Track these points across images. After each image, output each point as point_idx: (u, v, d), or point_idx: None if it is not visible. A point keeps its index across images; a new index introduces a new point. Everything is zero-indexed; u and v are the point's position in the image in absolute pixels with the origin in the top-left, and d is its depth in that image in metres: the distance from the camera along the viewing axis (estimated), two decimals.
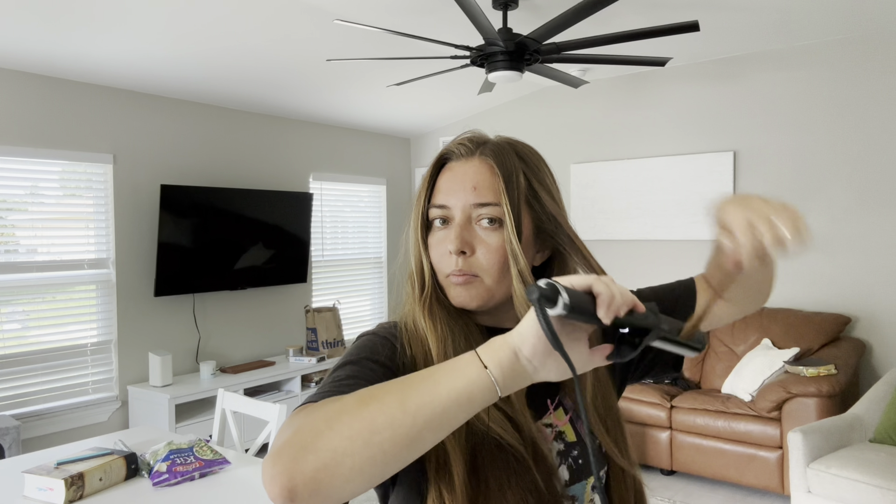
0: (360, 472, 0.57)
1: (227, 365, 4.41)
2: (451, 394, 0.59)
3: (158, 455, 1.89)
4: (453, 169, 0.81)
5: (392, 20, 3.29)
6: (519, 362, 0.60)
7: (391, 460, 0.58)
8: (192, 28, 3.19)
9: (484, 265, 0.78)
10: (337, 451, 0.57)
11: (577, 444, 0.82)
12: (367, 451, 0.57)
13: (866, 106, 3.76)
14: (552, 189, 0.83)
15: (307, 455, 0.57)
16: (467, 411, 0.60)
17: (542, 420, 0.82)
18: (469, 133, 0.84)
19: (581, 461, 0.81)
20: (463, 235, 0.78)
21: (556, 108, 5.00)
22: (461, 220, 0.79)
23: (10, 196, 3.44)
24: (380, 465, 0.58)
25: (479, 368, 0.60)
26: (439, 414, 0.59)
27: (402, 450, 0.58)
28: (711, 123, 4.31)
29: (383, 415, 0.58)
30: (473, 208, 0.78)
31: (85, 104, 3.72)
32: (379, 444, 0.57)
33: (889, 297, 3.71)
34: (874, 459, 2.71)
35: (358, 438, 0.57)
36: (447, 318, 0.80)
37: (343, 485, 0.57)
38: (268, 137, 4.72)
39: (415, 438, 0.58)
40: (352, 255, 5.39)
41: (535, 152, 0.84)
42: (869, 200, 3.76)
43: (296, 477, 0.56)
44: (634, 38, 2.71)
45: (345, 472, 0.57)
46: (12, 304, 3.45)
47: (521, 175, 0.79)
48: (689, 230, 4.36)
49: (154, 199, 3.98)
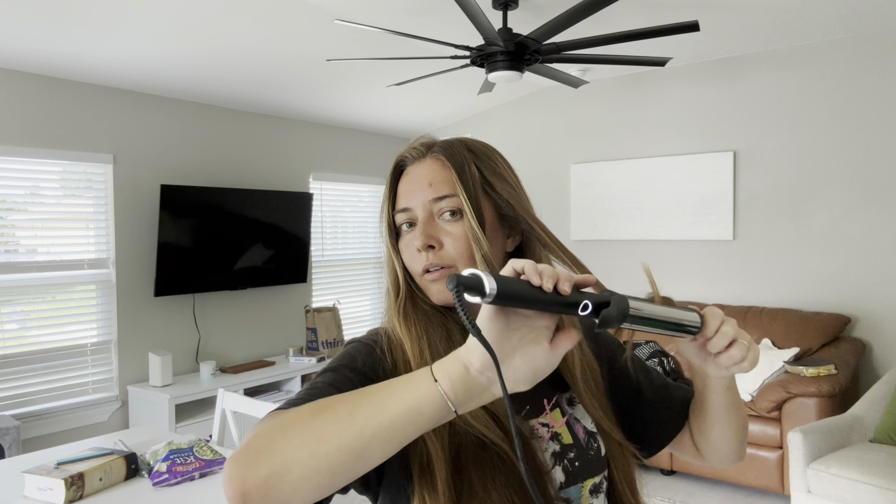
0: (307, 481, 0.57)
1: (227, 365, 4.41)
2: (399, 407, 0.58)
3: (158, 455, 1.89)
4: (409, 173, 0.85)
5: (392, 20, 3.29)
6: (470, 375, 0.58)
7: (339, 470, 0.58)
8: (192, 28, 3.19)
9: (454, 255, 0.79)
10: (287, 459, 0.58)
11: (573, 446, 0.82)
12: (314, 461, 0.58)
13: (866, 106, 3.76)
14: (507, 176, 0.84)
15: (260, 460, 0.58)
16: (417, 425, 0.58)
17: (538, 419, 0.82)
18: (420, 138, 0.87)
19: (578, 464, 0.81)
20: (427, 231, 0.80)
21: (556, 108, 4.99)
22: (424, 218, 0.81)
23: (10, 196, 3.44)
24: (326, 475, 0.58)
25: (429, 383, 0.58)
26: (386, 427, 0.58)
27: (349, 460, 0.58)
28: (711, 123, 4.31)
29: (332, 425, 0.58)
30: (433, 203, 0.80)
31: (85, 104, 3.72)
32: (325, 453, 0.58)
33: (889, 297, 3.71)
34: (874, 459, 2.71)
35: (306, 447, 0.58)
36: (424, 319, 0.82)
37: (292, 492, 0.57)
38: (268, 137, 4.72)
39: (361, 450, 0.58)
40: (352, 255, 5.39)
41: (485, 145, 0.87)
42: (869, 200, 3.76)
43: (248, 481, 0.57)
44: (634, 38, 2.71)
45: (293, 480, 0.57)
46: (12, 304, 3.45)
47: (472, 166, 0.81)
48: (689, 230, 4.36)
49: (154, 199, 3.98)
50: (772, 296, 4.10)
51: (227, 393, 2.47)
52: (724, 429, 0.89)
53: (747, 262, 4.18)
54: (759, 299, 4.15)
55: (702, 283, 4.36)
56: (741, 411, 0.89)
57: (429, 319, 0.82)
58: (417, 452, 0.73)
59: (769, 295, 4.11)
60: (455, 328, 0.82)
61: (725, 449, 0.91)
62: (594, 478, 0.82)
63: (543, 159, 5.06)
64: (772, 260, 4.09)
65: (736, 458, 0.94)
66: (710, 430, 0.90)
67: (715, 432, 0.90)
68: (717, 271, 4.30)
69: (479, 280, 0.54)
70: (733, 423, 0.88)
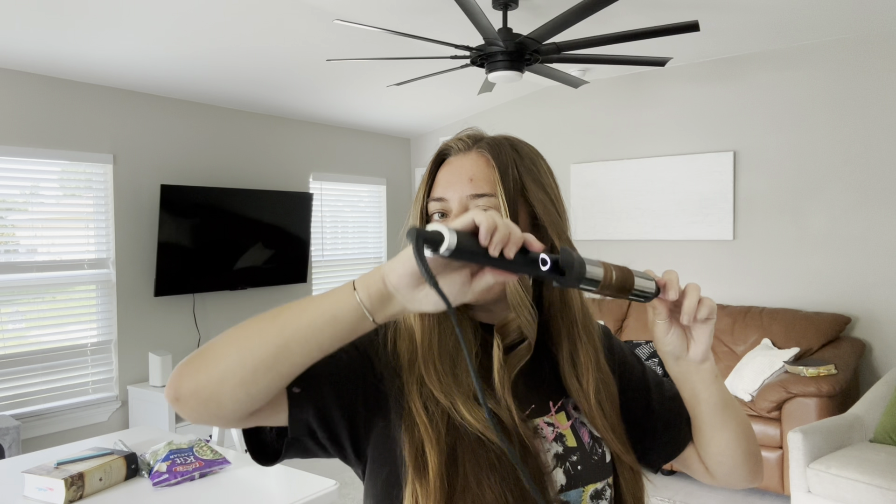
0: (231, 375, 0.63)
1: None
2: (318, 310, 0.64)
3: (158, 455, 1.89)
4: (451, 163, 0.83)
5: (392, 20, 3.29)
6: (387, 289, 0.63)
7: (260, 365, 0.63)
8: (192, 28, 3.19)
9: None
10: (216, 356, 0.64)
11: (577, 449, 0.81)
12: (238, 356, 0.64)
13: (866, 106, 3.76)
14: (547, 186, 0.83)
15: (195, 361, 0.65)
16: (333, 328, 0.63)
17: (544, 418, 0.82)
18: (468, 130, 0.85)
19: (580, 468, 0.80)
20: None
21: (556, 108, 4.99)
22: (458, 211, 0.80)
23: (10, 196, 3.44)
24: (249, 370, 0.63)
25: (349, 291, 0.64)
26: (305, 326, 0.63)
27: (269, 356, 0.63)
28: (711, 123, 4.31)
29: (258, 326, 0.65)
30: (470, 199, 0.79)
31: (85, 104, 3.72)
32: (249, 349, 0.63)
33: (889, 297, 3.71)
34: (874, 459, 2.71)
35: (233, 345, 0.64)
36: (439, 313, 0.80)
37: (218, 386, 0.63)
38: (268, 137, 4.72)
39: (282, 347, 0.63)
40: (352, 255, 5.39)
41: (532, 149, 0.85)
42: (869, 200, 3.76)
43: (182, 381, 0.65)
44: (634, 38, 2.71)
45: (219, 374, 0.64)
46: (12, 304, 3.45)
47: (516, 168, 0.80)
48: (689, 230, 4.36)
49: (154, 199, 3.98)
50: (772, 296, 4.10)
51: None
52: (725, 435, 0.85)
53: (747, 262, 4.18)
54: (759, 299, 4.15)
55: (702, 283, 4.36)
56: (739, 414, 0.86)
57: (443, 314, 0.81)
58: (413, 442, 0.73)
59: (769, 295, 4.11)
60: (468, 324, 0.82)
61: (731, 461, 0.87)
62: (596, 483, 0.81)
63: None
64: (772, 260, 4.09)
65: (748, 472, 0.88)
66: (711, 441, 0.86)
67: (717, 441, 0.86)
68: (717, 271, 4.30)
69: (440, 239, 0.57)
70: (732, 427, 0.85)
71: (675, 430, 0.91)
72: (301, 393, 0.73)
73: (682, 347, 0.79)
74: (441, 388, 0.75)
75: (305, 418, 0.73)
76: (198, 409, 0.66)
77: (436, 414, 0.75)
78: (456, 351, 0.79)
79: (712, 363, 0.82)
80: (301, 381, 0.72)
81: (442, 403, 0.75)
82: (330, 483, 1.86)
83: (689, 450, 0.91)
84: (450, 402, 0.75)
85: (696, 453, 0.91)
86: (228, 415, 0.66)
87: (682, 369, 0.82)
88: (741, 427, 0.86)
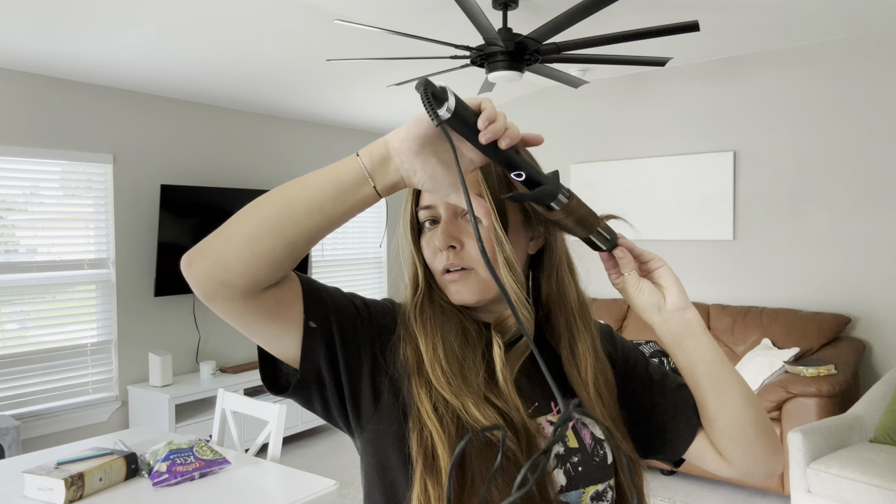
0: (237, 234, 0.66)
1: (227, 365, 4.41)
2: (323, 173, 0.67)
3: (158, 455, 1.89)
4: None
5: (392, 20, 3.29)
6: (388, 154, 0.66)
7: (265, 223, 0.66)
8: (192, 28, 3.19)
9: (474, 256, 0.79)
10: (228, 223, 0.68)
11: (578, 450, 0.80)
12: (245, 217, 0.67)
13: (866, 106, 3.76)
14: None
15: (212, 234, 0.68)
16: (335, 188, 0.66)
17: (547, 416, 0.82)
18: None
19: (581, 469, 0.80)
20: (449, 230, 0.80)
21: (556, 108, 4.99)
22: (447, 217, 0.80)
23: (10, 196, 3.44)
24: (255, 227, 0.66)
25: (352, 157, 0.67)
26: (308, 187, 0.66)
27: (274, 215, 0.66)
28: (711, 123, 4.31)
29: (268, 197, 0.68)
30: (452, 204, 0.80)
31: (85, 104, 3.72)
32: (256, 209, 0.67)
33: (889, 297, 3.71)
34: (874, 459, 2.71)
35: (244, 211, 0.68)
36: (441, 317, 0.81)
37: (224, 247, 0.66)
38: (268, 137, 4.72)
39: (284, 206, 0.66)
40: (352, 255, 5.39)
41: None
42: (869, 200, 3.76)
43: (196, 247, 0.68)
44: (634, 38, 2.71)
45: (226, 235, 0.67)
46: (12, 304, 3.45)
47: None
48: (689, 230, 4.36)
49: (154, 199, 3.98)
50: (772, 296, 4.10)
51: (227, 393, 2.47)
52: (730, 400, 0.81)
53: (747, 262, 4.18)
54: (759, 299, 4.15)
55: (702, 283, 4.36)
56: (738, 377, 0.83)
57: (446, 317, 0.82)
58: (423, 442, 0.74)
59: (769, 295, 4.11)
60: (471, 327, 0.82)
61: (743, 436, 0.82)
62: (597, 485, 0.80)
63: (543, 159, 5.05)
64: (772, 260, 4.09)
65: (765, 450, 0.83)
66: (719, 412, 0.82)
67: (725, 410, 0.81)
68: (717, 271, 4.30)
69: (444, 95, 0.61)
70: (735, 389, 0.81)
71: (685, 417, 0.88)
72: (316, 329, 0.75)
73: (659, 296, 0.80)
74: (451, 389, 0.76)
75: (316, 359, 0.76)
76: (206, 273, 0.67)
77: (446, 415, 0.75)
78: (463, 352, 0.79)
79: (696, 314, 0.81)
80: (317, 317, 0.75)
81: (452, 404, 0.75)
82: (330, 483, 1.86)
83: (701, 439, 0.87)
84: (460, 402, 0.75)
85: (708, 440, 0.87)
86: (234, 279, 0.67)
87: (669, 325, 0.80)
88: (744, 391, 0.82)
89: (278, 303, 0.72)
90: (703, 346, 0.81)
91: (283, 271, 0.70)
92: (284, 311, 0.73)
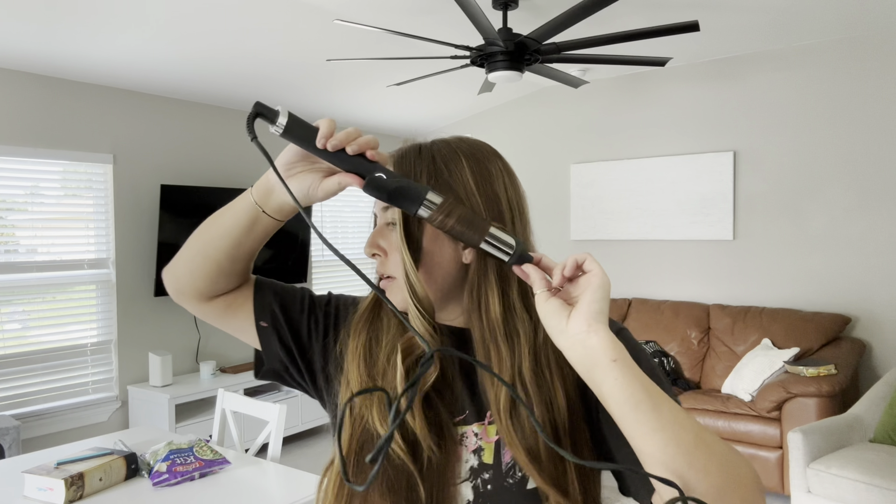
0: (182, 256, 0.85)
1: (227, 365, 4.41)
2: (228, 207, 0.82)
3: (158, 455, 1.89)
4: None
5: (392, 20, 3.29)
6: (269, 183, 0.77)
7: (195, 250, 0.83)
8: (192, 28, 3.19)
9: (392, 264, 0.80)
10: (183, 246, 0.86)
11: (491, 467, 0.76)
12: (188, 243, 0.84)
13: (866, 106, 3.76)
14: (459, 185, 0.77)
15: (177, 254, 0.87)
16: (236, 217, 0.80)
17: (471, 425, 0.78)
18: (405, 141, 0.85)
19: (490, 487, 0.75)
20: (374, 239, 0.82)
21: (556, 108, 5.00)
22: (378, 225, 0.83)
23: (10, 196, 3.44)
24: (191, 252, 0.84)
25: (247, 191, 0.80)
26: (220, 217, 0.81)
27: (199, 243, 0.83)
28: (711, 123, 4.31)
29: (200, 225, 0.84)
30: (382, 212, 0.82)
31: (85, 104, 3.72)
32: (193, 237, 0.84)
33: (889, 297, 3.71)
34: (874, 459, 2.71)
35: (190, 237, 0.84)
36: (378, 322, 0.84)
37: (175, 264, 0.86)
38: (268, 137, 4.71)
39: (206, 233, 0.82)
40: (352, 255, 5.38)
41: (455, 149, 0.80)
42: (869, 200, 3.76)
43: (168, 264, 0.87)
44: (634, 38, 2.71)
45: (177, 255, 0.86)
46: (12, 304, 3.45)
47: (422, 175, 0.77)
48: (689, 230, 4.36)
49: (154, 199, 3.98)
50: (772, 296, 4.10)
51: (227, 393, 2.47)
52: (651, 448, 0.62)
53: (747, 262, 4.18)
54: (759, 299, 4.15)
55: (702, 283, 4.36)
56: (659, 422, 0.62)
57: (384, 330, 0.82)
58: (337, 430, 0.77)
59: (769, 295, 4.11)
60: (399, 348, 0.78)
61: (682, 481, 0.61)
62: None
63: (543, 159, 5.06)
64: (772, 260, 4.09)
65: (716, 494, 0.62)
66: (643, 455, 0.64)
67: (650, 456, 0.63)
68: (717, 271, 4.30)
69: (275, 116, 0.69)
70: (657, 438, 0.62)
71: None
72: (267, 327, 0.87)
73: (562, 317, 0.66)
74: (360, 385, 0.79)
75: (275, 349, 0.87)
76: (168, 283, 0.87)
77: (356, 415, 0.77)
78: (386, 357, 0.79)
79: (605, 340, 0.64)
80: (265, 317, 0.87)
81: (359, 406, 0.77)
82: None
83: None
84: (367, 405, 0.77)
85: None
86: (184, 288, 0.85)
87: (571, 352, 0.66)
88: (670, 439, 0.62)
89: (228, 306, 0.87)
90: (611, 382, 0.63)
91: (224, 282, 0.85)
92: (234, 312, 0.87)
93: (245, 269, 0.86)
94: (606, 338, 0.64)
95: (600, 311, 0.65)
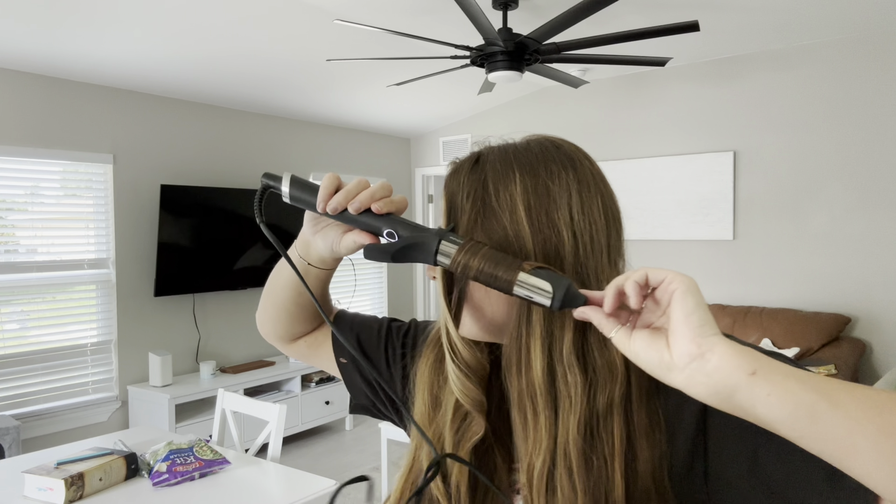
0: (262, 304, 0.90)
1: (227, 365, 4.41)
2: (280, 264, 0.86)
3: (158, 455, 1.89)
4: None
5: (392, 20, 3.29)
6: (304, 235, 0.78)
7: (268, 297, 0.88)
8: (192, 28, 3.19)
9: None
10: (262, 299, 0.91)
11: None
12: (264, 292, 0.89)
13: (866, 106, 3.76)
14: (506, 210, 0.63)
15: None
16: (288, 267, 0.83)
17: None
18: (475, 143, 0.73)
19: None
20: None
21: (556, 108, 5.00)
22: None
23: (10, 196, 3.44)
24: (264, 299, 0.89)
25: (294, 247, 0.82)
26: (280, 270, 0.85)
27: (270, 292, 0.87)
28: (711, 123, 4.31)
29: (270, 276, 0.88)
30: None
31: (85, 104, 3.72)
32: (266, 287, 0.89)
33: (889, 297, 3.71)
34: None
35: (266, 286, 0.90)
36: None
37: (259, 310, 0.91)
38: (268, 137, 4.72)
39: (272, 284, 0.87)
40: (352, 255, 5.38)
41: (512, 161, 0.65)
42: (869, 200, 3.76)
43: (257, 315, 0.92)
44: (634, 38, 2.71)
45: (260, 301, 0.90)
46: (12, 304, 3.45)
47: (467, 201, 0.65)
48: (689, 230, 4.36)
49: (154, 199, 3.98)
50: (772, 296, 4.10)
51: (227, 393, 2.47)
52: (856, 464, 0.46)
53: (747, 262, 4.19)
54: (759, 299, 4.15)
55: (702, 283, 4.36)
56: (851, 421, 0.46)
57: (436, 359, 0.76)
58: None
59: (769, 295, 4.11)
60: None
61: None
62: None
63: None
64: (772, 260, 4.09)
65: None
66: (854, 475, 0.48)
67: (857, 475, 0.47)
68: (717, 271, 4.30)
69: (278, 182, 0.69)
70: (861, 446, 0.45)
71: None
72: (346, 363, 0.88)
73: (660, 349, 0.52)
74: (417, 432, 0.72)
75: (358, 384, 0.87)
76: (258, 326, 0.92)
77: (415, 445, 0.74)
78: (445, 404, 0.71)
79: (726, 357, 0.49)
80: (344, 353, 0.88)
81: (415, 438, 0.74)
82: (330, 483, 1.86)
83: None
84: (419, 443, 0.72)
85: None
86: (268, 332, 0.91)
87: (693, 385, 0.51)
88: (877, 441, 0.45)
89: (309, 345, 0.91)
90: (763, 401, 0.48)
91: (300, 325, 0.88)
92: (316, 351, 0.91)
93: (316, 312, 0.88)
94: (728, 351, 0.49)
95: (704, 322, 0.50)
